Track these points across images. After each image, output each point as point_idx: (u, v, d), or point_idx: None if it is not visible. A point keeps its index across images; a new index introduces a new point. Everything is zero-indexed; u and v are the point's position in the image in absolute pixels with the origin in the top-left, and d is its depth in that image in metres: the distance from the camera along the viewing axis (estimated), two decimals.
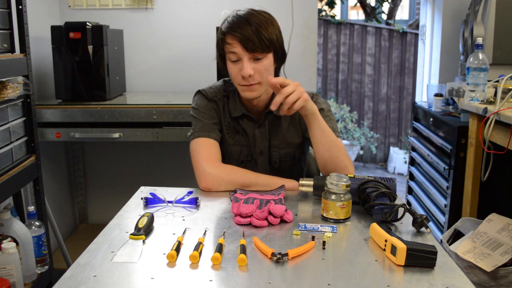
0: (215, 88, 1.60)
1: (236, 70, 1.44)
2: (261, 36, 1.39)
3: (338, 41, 6.21)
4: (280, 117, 1.57)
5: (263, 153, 1.58)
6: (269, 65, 1.45)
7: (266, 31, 1.41)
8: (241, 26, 1.40)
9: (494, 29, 2.41)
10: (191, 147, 1.51)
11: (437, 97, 2.69)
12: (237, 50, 1.41)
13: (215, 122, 1.55)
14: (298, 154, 1.62)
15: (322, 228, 1.14)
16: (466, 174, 2.22)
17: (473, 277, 1.76)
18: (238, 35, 1.39)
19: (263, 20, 1.42)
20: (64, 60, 2.35)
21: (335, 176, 1.20)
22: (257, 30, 1.39)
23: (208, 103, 1.56)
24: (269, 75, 1.44)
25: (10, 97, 1.72)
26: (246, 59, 1.41)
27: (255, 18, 1.42)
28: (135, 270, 0.95)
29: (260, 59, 1.42)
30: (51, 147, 2.75)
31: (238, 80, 1.46)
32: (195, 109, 1.57)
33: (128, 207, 1.30)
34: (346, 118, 6.03)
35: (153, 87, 2.92)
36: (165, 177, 3.02)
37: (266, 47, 1.41)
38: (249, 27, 1.39)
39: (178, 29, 2.84)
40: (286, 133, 1.58)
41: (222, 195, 1.39)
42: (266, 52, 1.42)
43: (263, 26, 1.41)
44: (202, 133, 1.51)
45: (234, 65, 1.45)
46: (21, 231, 1.73)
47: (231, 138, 1.58)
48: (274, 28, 1.44)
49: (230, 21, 1.43)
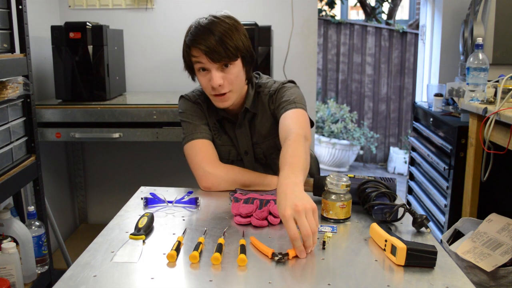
0: (197, 91, 1.60)
1: (205, 81, 1.43)
2: (226, 46, 1.37)
3: (338, 41, 6.21)
4: (256, 113, 1.56)
5: (247, 152, 1.58)
6: (238, 72, 1.44)
7: (231, 39, 1.38)
8: (204, 38, 1.37)
9: (494, 29, 2.41)
10: (187, 151, 1.50)
11: (437, 97, 2.69)
12: (203, 62, 1.39)
13: (204, 122, 1.55)
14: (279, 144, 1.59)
15: (322, 228, 1.14)
16: (466, 174, 2.22)
17: (473, 277, 1.76)
18: (203, 47, 1.36)
19: (226, 28, 1.39)
20: (64, 60, 2.35)
21: (335, 176, 1.20)
22: (221, 39, 1.36)
23: (193, 105, 1.57)
24: (239, 82, 1.44)
25: (10, 97, 1.72)
26: (214, 70, 1.39)
27: (218, 26, 1.39)
28: (135, 270, 0.95)
29: (228, 67, 1.41)
30: (51, 147, 2.75)
31: (209, 91, 1.45)
32: (182, 113, 1.57)
33: (128, 207, 1.30)
34: (346, 118, 6.03)
35: (153, 87, 2.92)
36: (165, 177, 3.02)
37: (233, 55, 1.39)
38: (212, 37, 1.36)
39: (178, 29, 2.82)
40: (260, 127, 1.57)
41: (222, 195, 1.39)
42: (234, 60, 1.40)
43: (227, 34, 1.38)
44: (195, 135, 1.50)
45: (202, 76, 1.43)
46: (21, 231, 1.73)
47: (218, 139, 1.58)
48: (238, 33, 1.41)
49: (193, 33, 1.41)
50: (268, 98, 1.55)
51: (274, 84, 1.57)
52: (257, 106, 1.57)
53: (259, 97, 1.57)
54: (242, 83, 1.49)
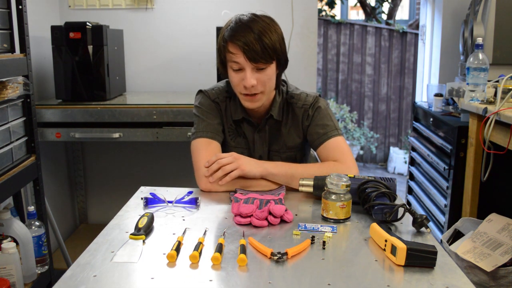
0: (217, 89, 1.58)
1: (238, 79, 1.41)
2: (264, 45, 1.35)
3: (338, 41, 6.21)
4: (281, 121, 1.55)
5: (262, 158, 1.57)
6: (272, 74, 1.43)
7: (269, 39, 1.37)
8: (243, 34, 1.36)
9: (494, 29, 2.41)
10: (193, 147, 1.50)
11: (437, 97, 2.69)
12: (239, 60, 1.38)
13: (218, 122, 1.53)
14: (299, 156, 1.61)
15: (322, 228, 1.14)
16: (466, 174, 2.22)
17: (473, 277, 1.76)
18: (241, 44, 1.35)
19: (265, 27, 1.38)
20: (64, 60, 2.35)
21: (335, 176, 1.20)
22: (260, 38, 1.35)
23: (211, 102, 1.55)
24: (271, 84, 1.44)
25: (10, 97, 1.72)
26: (249, 70, 1.38)
27: (258, 24, 1.37)
28: (135, 270, 0.95)
29: (263, 69, 1.39)
30: (51, 147, 2.75)
31: (239, 89, 1.43)
32: (198, 108, 1.55)
33: (128, 207, 1.30)
34: (346, 118, 6.03)
35: (153, 87, 2.92)
36: (165, 177, 3.02)
37: (270, 57, 1.38)
38: (251, 34, 1.35)
39: (178, 29, 2.84)
40: (286, 137, 1.57)
41: (222, 195, 1.39)
42: (270, 62, 1.39)
43: (266, 34, 1.37)
44: (205, 133, 1.50)
45: (236, 73, 1.41)
46: (21, 231, 1.73)
47: (232, 140, 1.57)
48: (277, 35, 1.41)
49: (232, 28, 1.39)
50: (303, 112, 1.54)
51: (307, 97, 1.55)
52: (286, 115, 1.55)
53: (291, 108, 1.55)
54: (274, 85, 1.48)
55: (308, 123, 1.54)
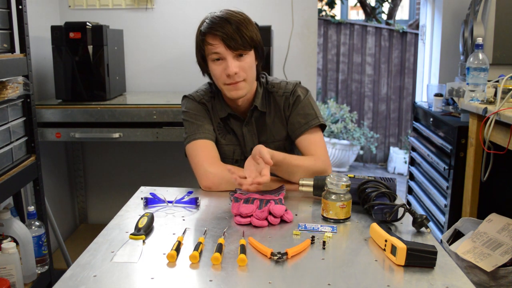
0: (201, 91, 1.61)
1: (220, 70, 1.45)
2: (242, 34, 1.41)
3: (338, 41, 6.21)
4: (265, 112, 1.58)
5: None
6: (252, 62, 1.47)
7: (247, 29, 1.43)
8: (222, 25, 1.41)
9: (494, 29, 2.41)
10: (188, 150, 1.51)
11: (437, 97, 2.69)
12: (219, 50, 1.42)
13: (208, 122, 1.55)
14: (288, 145, 1.62)
15: (322, 228, 1.14)
16: (466, 174, 2.22)
17: (473, 277, 1.76)
18: (220, 34, 1.40)
19: (241, 19, 1.44)
20: (64, 60, 2.35)
21: (335, 176, 1.20)
22: (238, 28, 1.41)
23: (198, 104, 1.57)
24: (252, 72, 1.47)
25: (10, 97, 1.72)
26: (230, 58, 1.42)
27: (234, 17, 1.43)
28: (135, 270, 0.95)
29: (243, 56, 1.44)
30: (51, 147, 2.75)
31: (223, 79, 1.46)
32: (186, 113, 1.57)
33: (128, 207, 1.30)
34: (346, 118, 6.03)
35: (153, 87, 2.92)
36: (165, 177, 3.02)
37: (248, 45, 1.43)
38: (229, 25, 1.41)
39: (178, 29, 2.83)
40: (272, 128, 1.58)
41: (222, 195, 1.39)
42: (248, 50, 1.44)
43: (243, 24, 1.42)
44: (197, 135, 1.51)
45: (217, 65, 1.45)
46: (21, 231, 1.73)
47: (223, 138, 1.58)
48: (252, 26, 1.46)
49: (209, 22, 1.44)
50: (284, 100, 1.56)
51: (287, 85, 1.58)
52: (268, 105, 1.58)
53: (272, 97, 1.58)
54: (255, 74, 1.51)
55: (289, 113, 1.56)
